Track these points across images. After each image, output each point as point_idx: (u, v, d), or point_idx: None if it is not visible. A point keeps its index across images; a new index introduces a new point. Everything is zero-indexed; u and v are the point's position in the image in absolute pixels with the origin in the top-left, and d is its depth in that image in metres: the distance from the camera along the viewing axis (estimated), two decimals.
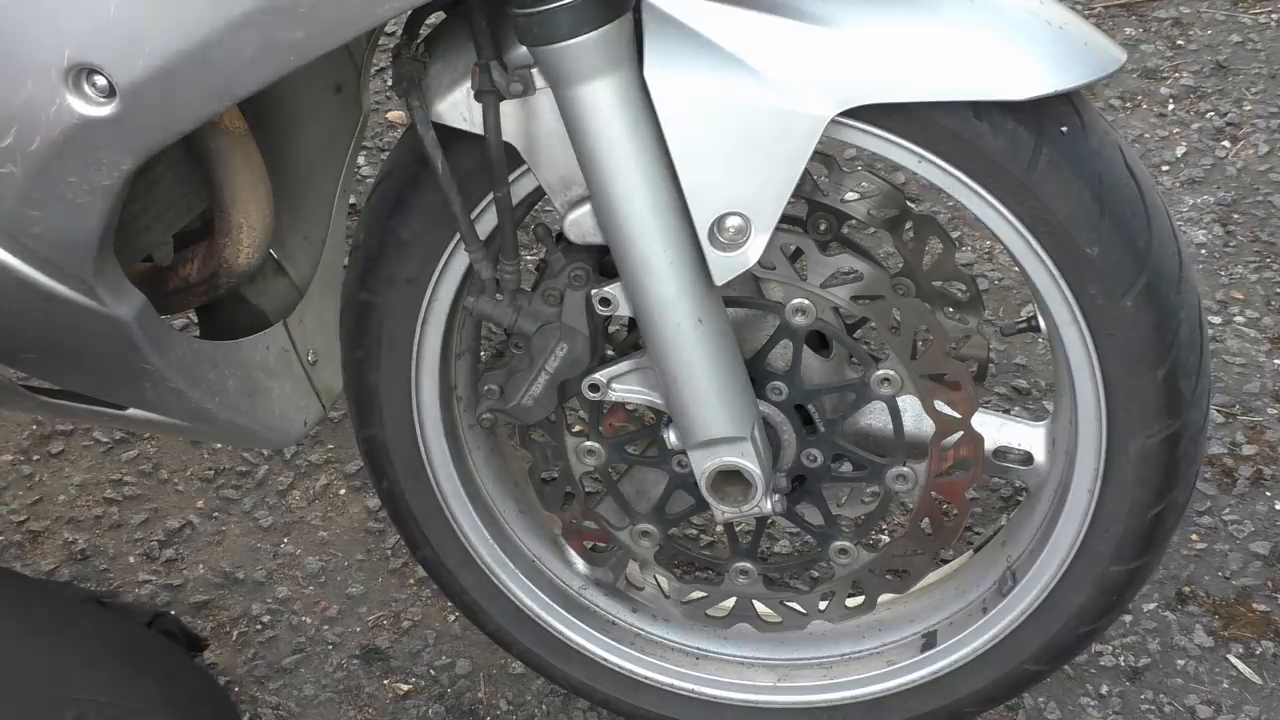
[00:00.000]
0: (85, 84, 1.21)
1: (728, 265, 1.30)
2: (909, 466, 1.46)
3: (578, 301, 1.38)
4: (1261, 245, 2.52)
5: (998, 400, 2.23)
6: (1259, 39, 3.07)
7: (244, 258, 1.52)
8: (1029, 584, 1.52)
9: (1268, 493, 2.07)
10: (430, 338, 1.52)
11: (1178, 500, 1.44)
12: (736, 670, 1.69)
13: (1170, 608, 1.92)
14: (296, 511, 2.16)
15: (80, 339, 1.41)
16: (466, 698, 1.88)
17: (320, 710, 1.88)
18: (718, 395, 1.37)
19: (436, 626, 1.98)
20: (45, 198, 1.29)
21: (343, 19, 1.16)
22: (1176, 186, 2.67)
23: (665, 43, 1.22)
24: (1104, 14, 3.19)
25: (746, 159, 1.25)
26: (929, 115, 1.27)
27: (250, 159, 1.49)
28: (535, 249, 2.15)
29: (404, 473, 1.61)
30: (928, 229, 1.48)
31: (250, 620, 2.00)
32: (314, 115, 1.63)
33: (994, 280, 2.48)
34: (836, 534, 1.53)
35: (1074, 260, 1.31)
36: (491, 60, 1.26)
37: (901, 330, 1.39)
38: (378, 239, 1.47)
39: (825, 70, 1.22)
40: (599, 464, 1.53)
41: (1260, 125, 2.82)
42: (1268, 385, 2.24)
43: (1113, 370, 1.36)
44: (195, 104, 1.23)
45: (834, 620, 1.62)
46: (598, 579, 1.70)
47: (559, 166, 1.32)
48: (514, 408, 1.44)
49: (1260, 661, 1.86)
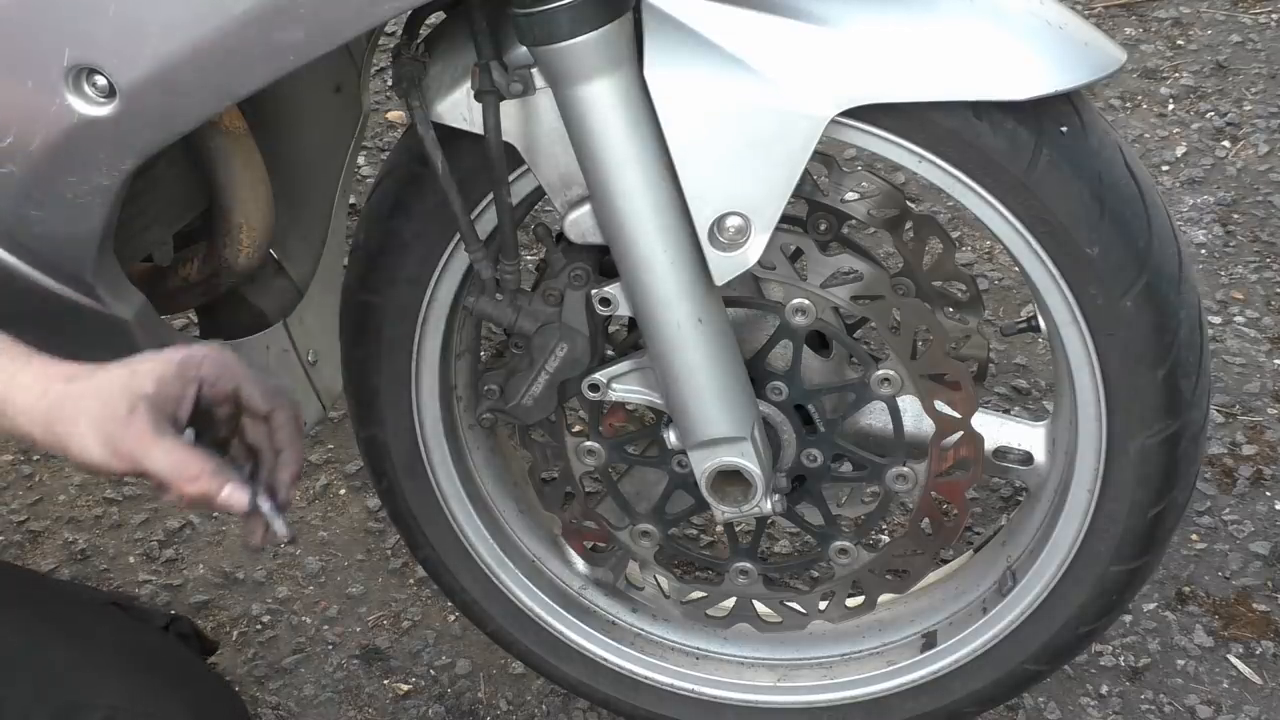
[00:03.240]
0: (85, 84, 1.21)
1: (728, 265, 1.30)
2: (909, 466, 1.46)
3: (578, 301, 1.38)
4: (1261, 245, 2.52)
5: (998, 400, 2.23)
6: (1259, 39, 3.07)
7: (244, 258, 1.52)
8: (1029, 584, 1.52)
9: (1268, 493, 2.07)
10: (430, 338, 1.52)
11: (1178, 500, 1.44)
12: (736, 670, 1.69)
13: (1170, 608, 1.92)
14: (296, 511, 2.16)
15: (80, 339, 1.41)
16: (466, 698, 1.88)
17: (320, 710, 1.88)
18: (718, 395, 1.37)
19: (436, 626, 1.98)
20: (45, 198, 1.29)
21: (343, 19, 1.16)
22: (1176, 186, 2.67)
23: (665, 43, 1.22)
24: (1104, 14, 3.19)
25: (746, 159, 1.25)
26: (929, 115, 1.27)
27: (250, 159, 1.49)
28: (535, 249, 2.15)
29: (404, 473, 1.61)
30: (928, 229, 1.48)
31: (250, 620, 2.00)
32: (314, 115, 1.63)
33: (994, 280, 2.48)
34: (836, 534, 1.53)
35: (1074, 260, 1.31)
36: (491, 60, 1.26)
37: (901, 330, 1.39)
38: (378, 239, 1.47)
39: (825, 70, 1.22)
40: (599, 464, 1.53)
41: (1260, 125, 2.82)
42: (1268, 385, 2.24)
43: (1113, 370, 1.36)
44: (195, 104, 1.23)
45: (834, 620, 1.62)
46: (598, 579, 1.70)
47: (559, 166, 1.32)
48: (514, 408, 1.44)
49: (1260, 661, 1.86)
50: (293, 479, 1.20)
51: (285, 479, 1.19)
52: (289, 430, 1.20)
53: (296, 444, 1.20)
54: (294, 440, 1.20)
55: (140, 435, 1.12)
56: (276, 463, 1.20)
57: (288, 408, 1.20)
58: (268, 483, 1.19)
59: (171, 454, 1.12)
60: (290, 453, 1.20)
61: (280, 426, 1.20)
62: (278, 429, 1.20)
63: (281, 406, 1.20)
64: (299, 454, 1.20)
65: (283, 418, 1.20)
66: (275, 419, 1.20)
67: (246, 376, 1.19)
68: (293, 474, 1.20)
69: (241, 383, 1.19)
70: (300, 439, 1.20)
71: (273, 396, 1.20)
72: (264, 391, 1.19)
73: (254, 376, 1.20)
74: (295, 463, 1.20)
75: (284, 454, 1.20)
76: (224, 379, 1.18)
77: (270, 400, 1.19)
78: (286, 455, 1.20)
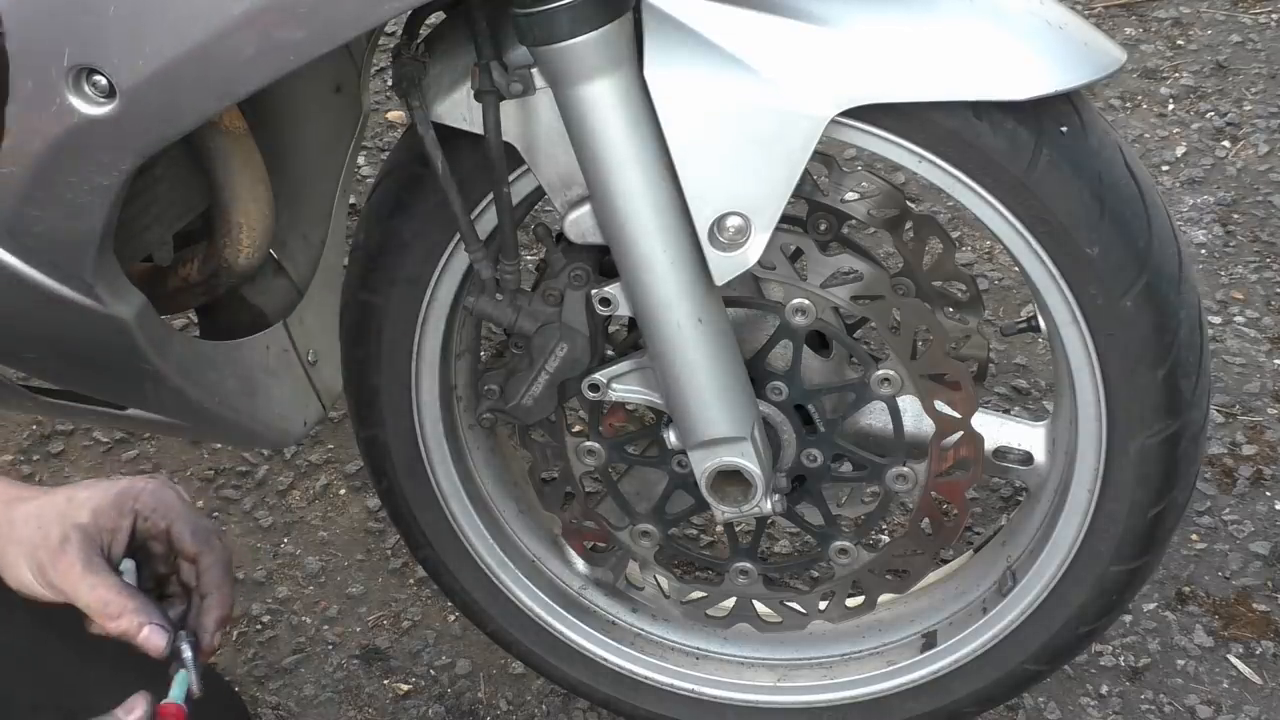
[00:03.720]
0: (85, 84, 1.21)
1: (728, 265, 1.30)
2: (909, 466, 1.46)
3: (578, 301, 1.38)
4: (1261, 245, 2.52)
5: (998, 400, 2.23)
6: (1259, 39, 3.07)
7: (244, 258, 1.52)
8: (1029, 584, 1.52)
9: (1268, 493, 2.07)
10: (430, 338, 1.52)
11: (1178, 500, 1.44)
12: (736, 670, 1.69)
13: (1170, 608, 1.92)
14: (296, 511, 2.16)
15: (80, 339, 1.41)
16: (466, 698, 1.88)
17: (320, 710, 1.88)
18: (718, 395, 1.37)
19: (436, 626, 1.98)
20: (45, 198, 1.29)
21: (343, 19, 1.16)
22: (1176, 186, 2.67)
23: (665, 43, 1.22)
24: (1104, 14, 3.19)
25: (746, 159, 1.25)
26: (929, 115, 1.27)
27: (250, 159, 1.49)
28: (535, 249, 2.15)
29: (404, 473, 1.61)
30: (928, 229, 1.48)
31: (250, 620, 2.00)
32: (314, 115, 1.63)
33: (994, 280, 2.48)
34: (836, 534, 1.53)
35: (1074, 260, 1.31)
36: (491, 60, 1.26)
37: (901, 330, 1.39)
38: (378, 239, 1.47)
39: (825, 70, 1.22)
40: (599, 464, 1.53)
41: (1260, 125, 2.82)
42: (1268, 385, 2.24)
43: (1113, 370, 1.36)
44: (195, 104, 1.23)
45: (834, 620, 1.62)
46: (598, 579, 1.70)
47: (559, 166, 1.32)
48: (514, 408, 1.44)
49: (1260, 661, 1.86)
50: (217, 625, 1.19)
51: (209, 625, 1.19)
52: (215, 574, 1.20)
53: (224, 588, 1.20)
54: (221, 584, 1.19)
55: (69, 567, 1.13)
56: (202, 607, 1.20)
57: (216, 550, 1.20)
58: (192, 626, 1.19)
59: (96, 590, 1.12)
60: (216, 597, 1.19)
61: (206, 570, 1.19)
62: (204, 572, 1.20)
63: (209, 549, 1.20)
64: (226, 598, 1.20)
65: (209, 560, 1.19)
66: (202, 562, 1.20)
67: (180, 515, 1.20)
68: (217, 619, 1.19)
69: (173, 521, 1.19)
70: (229, 583, 1.20)
71: (202, 539, 1.20)
72: (194, 532, 1.19)
73: (187, 515, 1.20)
74: (220, 607, 1.19)
75: (209, 598, 1.19)
76: (157, 515, 1.19)
77: (198, 542, 1.19)
78: (212, 600, 1.19)
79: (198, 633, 1.18)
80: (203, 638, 1.18)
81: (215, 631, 1.19)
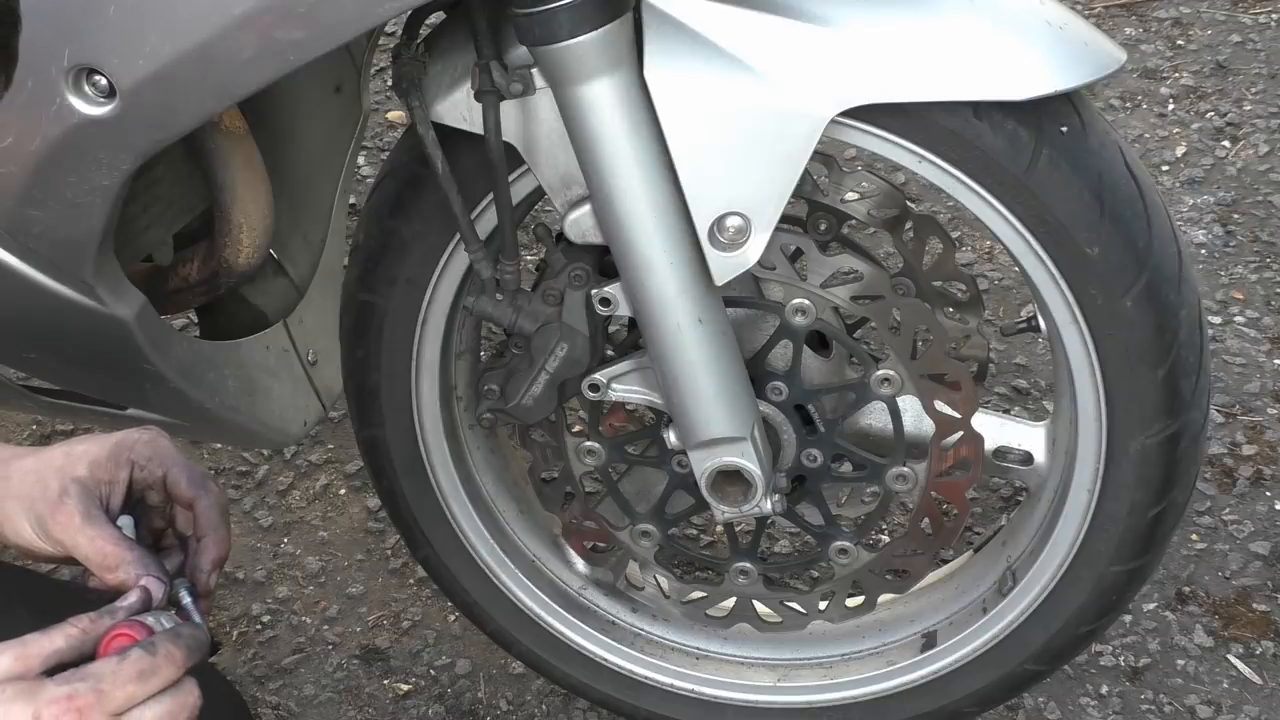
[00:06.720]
0: (85, 84, 1.21)
1: (728, 265, 1.30)
2: (909, 466, 1.46)
3: (578, 301, 1.38)
4: (1261, 245, 2.52)
5: (998, 400, 2.23)
6: (1259, 39, 3.07)
7: (244, 258, 1.52)
8: (1029, 584, 1.52)
9: (1268, 493, 2.07)
10: (430, 337, 1.52)
11: (1178, 500, 1.44)
12: (736, 670, 1.69)
13: (1170, 608, 1.92)
14: (296, 511, 2.16)
15: (80, 339, 1.41)
16: (466, 698, 1.88)
17: (320, 710, 1.88)
18: (718, 395, 1.37)
19: (436, 626, 1.98)
20: (45, 198, 1.29)
21: (343, 19, 1.16)
22: (1176, 186, 2.68)
23: (665, 43, 1.22)
24: (1104, 14, 3.19)
25: (746, 159, 1.25)
26: (929, 115, 1.27)
27: (250, 159, 1.49)
28: (535, 249, 2.15)
29: (404, 473, 1.61)
30: (928, 229, 1.48)
31: (250, 620, 2.00)
32: (314, 115, 1.63)
33: (994, 280, 2.48)
34: (836, 534, 1.53)
35: (1074, 260, 1.31)
36: (491, 60, 1.26)
37: (901, 330, 1.39)
38: (378, 239, 1.47)
39: (825, 70, 1.22)
40: (599, 464, 1.53)
41: (1260, 125, 2.82)
42: (1268, 385, 2.24)
43: (1113, 370, 1.36)
44: (195, 104, 1.23)
45: (834, 620, 1.62)
46: (598, 579, 1.70)
47: (559, 166, 1.32)
48: (514, 408, 1.44)
49: (1260, 661, 1.86)
50: (214, 565, 1.20)
51: (204, 565, 1.20)
52: (211, 516, 1.21)
53: (220, 530, 1.21)
54: (217, 526, 1.21)
55: (68, 520, 1.14)
56: (199, 549, 1.21)
57: (212, 494, 1.22)
58: (190, 574, 1.20)
59: (95, 542, 1.13)
60: (212, 538, 1.21)
61: (202, 512, 1.21)
62: (200, 514, 1.21)
63: (205, 493, 1.21)
64: (222, 540, 1.21)
65: (205, 503, 1.21)
66: (198, 505, 1.21)
67: (175, 462, 1.21)
68: (213, 559, 1.20)
69: (169, 468, 1.21)
70: (225, 525, 1.22)
71: (198, 483, 1.21)
72: (189, 477, 1.21)
73: (182, 462, 1.22)
74: (217, 548, 1.21)
75: (206, 539, 1.21)
76: (153, 463, 1.20)
77: (194, 486, 1.21)
78: (208, 541, 1.21)
79: (194, 575, 1.20)
80: (199, 579, 1.20)
81: (212, 572, 1.21)
